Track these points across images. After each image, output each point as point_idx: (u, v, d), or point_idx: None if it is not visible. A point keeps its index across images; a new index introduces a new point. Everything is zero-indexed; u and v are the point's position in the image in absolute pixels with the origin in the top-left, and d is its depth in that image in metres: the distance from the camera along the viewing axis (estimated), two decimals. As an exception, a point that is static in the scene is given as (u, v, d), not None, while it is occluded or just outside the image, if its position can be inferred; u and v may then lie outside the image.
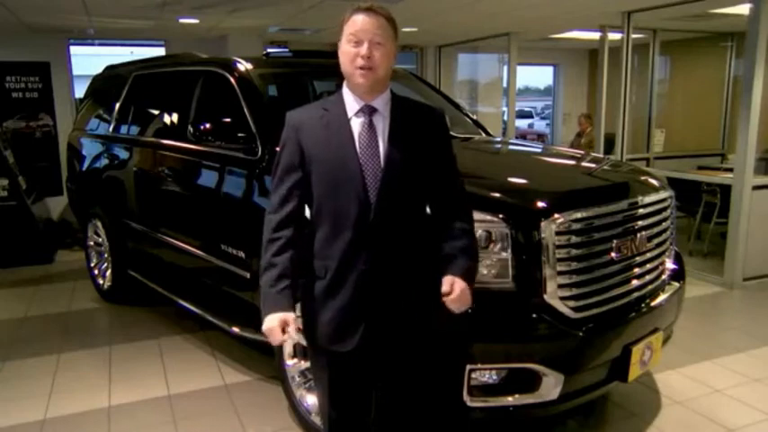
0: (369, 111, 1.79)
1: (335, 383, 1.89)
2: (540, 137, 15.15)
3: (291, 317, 1.77)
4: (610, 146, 6.77)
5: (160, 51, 8.07)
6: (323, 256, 1.80)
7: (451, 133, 2.11)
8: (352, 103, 1.81)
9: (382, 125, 1.79)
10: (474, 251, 1.89)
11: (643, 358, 2.57)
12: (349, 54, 1.75)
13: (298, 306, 1.87)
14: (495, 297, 2.32)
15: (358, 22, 1.74)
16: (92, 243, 4.94)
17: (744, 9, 5.10)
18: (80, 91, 6.44)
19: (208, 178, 3.43)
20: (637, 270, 2.61)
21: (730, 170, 5.48)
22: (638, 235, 2.61)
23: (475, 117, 4.21)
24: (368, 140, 1.77)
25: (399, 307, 1.81)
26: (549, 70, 11.53)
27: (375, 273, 1.76)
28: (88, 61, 9.26)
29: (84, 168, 4.97)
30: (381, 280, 1.77)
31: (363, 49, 1.72)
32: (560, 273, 2.33)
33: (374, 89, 1.78)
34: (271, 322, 1.76)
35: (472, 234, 1.91)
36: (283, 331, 1.75)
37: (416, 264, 1.83)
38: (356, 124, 1.79)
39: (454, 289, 1.77)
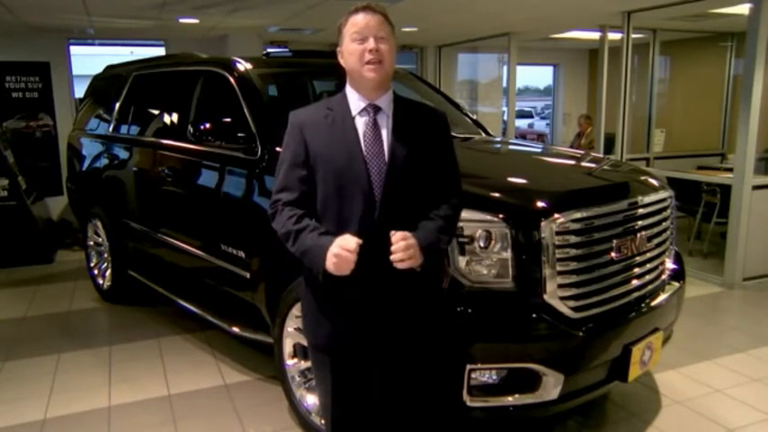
0: (373, 109, 1.81)
1: (338, 383, 1.88)
2: (540, 137, 15.15)
3: (347, 236, 1.69)
4: (610, 146, 6.77)
5: (160, 51, 8.07)
6: None
7: (452, 133, 2.11)
8: (356, 102, 1.82)
9: (386, 124, 1.81)
10: (448, 230, 1.85)
11: (643, 358, 2.58)
12: (356, 51, 1.76)
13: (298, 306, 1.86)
14: (495, 297, 2.32)
15: (359, 20, 1.76)
16: (92, 243, 4.94)
17: (744, 9, 5.10)
18: (80, 91, 6.44)
19: (208, 178, 3.42)
20: (637, 270, 2.61)
21: (730, 170, 5.48)
22: (638, 235, 2.61)
23: (475, 117, 4.21)
24: (372, 139, 1.78)
25: (403, 305, 1.81)
26: (549, 70, 11.53)
27: (380, 271, 1.76)
28: (88, 61, 9.27)
29: (84, 168, 4.97)
30: (386, 278, 1.77)
31: (371, 44, 1.74)
32: (560, 273, 2.33)
33: (380, 86, 1.80)
34: (333, 250, 1.67)
35: (454, 218, 1.88)
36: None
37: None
38: (360, 123, 1.80)
39: (405, 240, 1.68)
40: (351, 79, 1.83)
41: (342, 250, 1.67)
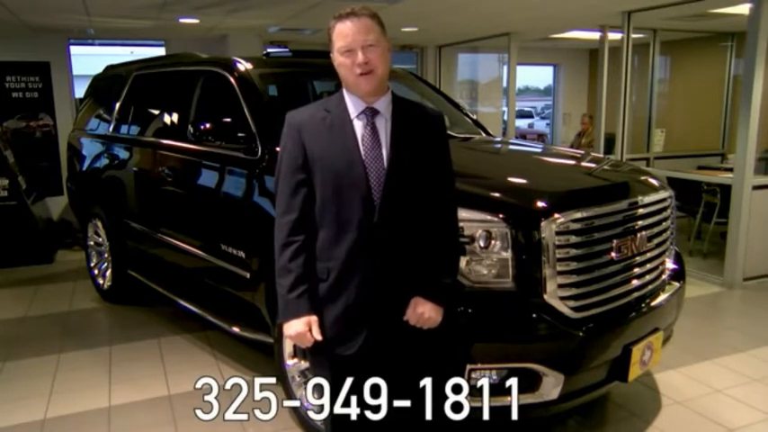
0: (371, 113, 1.80)
1: (339, 385, 1.88)
2: (540, 137, 15.15)
3: (314, 318, 1.80)
4: (610, 145, 6.77)
5: (160, 51, 8.07)
6: (325, 258, 1.79)
7: (451, 133, 2.12)
8: (353, 104, 1.81)
9: (384, 127, 1.80)
10: (452, 266, 1.93)
11: (643, 358, 2.57)
12: (345, 65, 1.76)
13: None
14: (495, 297, 2.32)
15: (344, 31, 1.75)
16: (92, 243, 4.94)
17: (744, 9, 5.10)
18: (80, 91, 6.44)
19: (208, 178, 3.42)
20: (637, 270, 2.61)
21: (730, 170, 5.48)
22: (639, 235, 2.61)
23: (475, 117, 4.21)
24: (371, 142, 1.77)
25: (402, 309, 1.81)
26: (549, 70, 11.54)
27: (378, 275, 1.76)
28: (88, 61, 9.27)
29: (84, 168, 4.97)
30: (385, 282, 1.77)
31: (359, 57, 1.73)
32: (560, 273, 2.33)
33: (376, 91, 1.79)
34: (296, 327, 1.79)
35: (455, 246, 1.94)
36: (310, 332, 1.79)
37: (418, 265, 1.82)
38: (358, 126, 1.79)
39: (416, 312, 1.80)
40: (348, 87, 1.83)
41: (305, 335, 1.79)
